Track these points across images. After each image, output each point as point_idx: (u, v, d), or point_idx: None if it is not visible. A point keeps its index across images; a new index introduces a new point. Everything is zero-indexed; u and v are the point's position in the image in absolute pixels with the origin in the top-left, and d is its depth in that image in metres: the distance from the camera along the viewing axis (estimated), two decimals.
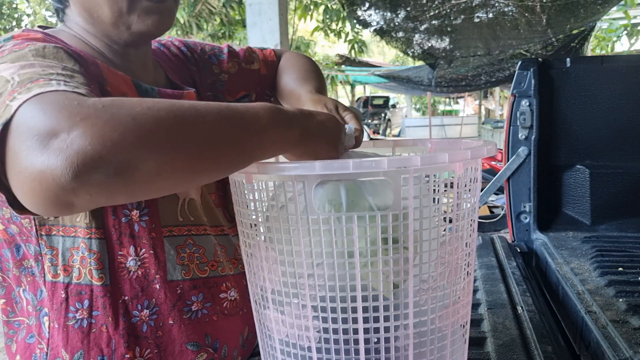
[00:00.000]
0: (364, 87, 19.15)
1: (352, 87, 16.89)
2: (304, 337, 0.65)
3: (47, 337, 0.80)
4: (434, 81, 7.40)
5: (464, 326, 0.72)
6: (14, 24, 9.90)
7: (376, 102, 18.10)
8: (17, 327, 0.84)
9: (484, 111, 18.66)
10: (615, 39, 7.98)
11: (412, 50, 5.99)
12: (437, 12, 4.84)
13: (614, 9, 5.78)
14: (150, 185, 0.51)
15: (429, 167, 0.61)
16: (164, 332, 0.81)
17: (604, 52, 8.15)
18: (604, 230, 2.19)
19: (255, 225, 0.67)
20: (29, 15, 10.40)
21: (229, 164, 0.57)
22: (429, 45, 5.76)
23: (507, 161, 2.28)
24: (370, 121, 16.65)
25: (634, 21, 7.32)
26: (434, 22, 5.07)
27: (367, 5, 4.93)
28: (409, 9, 4.81)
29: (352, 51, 8.07)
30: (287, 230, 0.62)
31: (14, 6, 9.98)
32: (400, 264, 0.61)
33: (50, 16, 10.52)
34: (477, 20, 5.02)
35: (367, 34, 6.69)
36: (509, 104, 2.29)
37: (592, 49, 7.78)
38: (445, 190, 0.64)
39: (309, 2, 7.10)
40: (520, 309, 1.36)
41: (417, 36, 5.55)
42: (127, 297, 0.79)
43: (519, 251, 2.13)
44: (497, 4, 4.72)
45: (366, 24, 5.34)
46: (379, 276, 0.61)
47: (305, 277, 0.62)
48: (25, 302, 0.83)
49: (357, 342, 0.62)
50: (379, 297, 0.62)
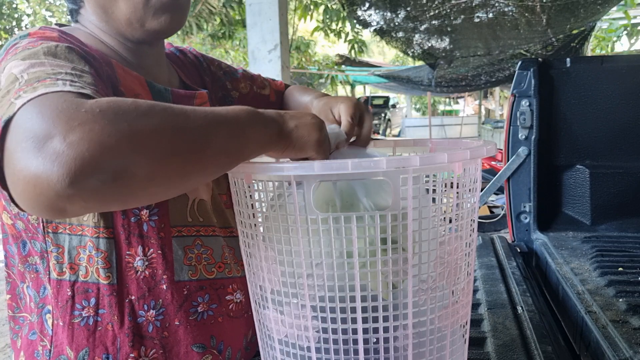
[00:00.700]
0: (364, 87, 19.14)
1: (352, 87, 16.89)
2: (303, 337, 0.65)
3: (50, 335, 0.80)
4: (434, 81, 7.40)
5: (463, 326, 0.72)
6: (14, 24, 9.89)
7: (376, 102, 18.08)
8: (21, 322, 0.85)
9: (484, 111, 18.65)
10: (615, 39, 7.97)
11: (412, 50, 5.99)
12: (437, 12, 4.83)
13: (614, 9, 5.77)
14: (143, 191, 0.53)
15: (428, 167, 0.60)
16: (170, 333, 0.81)
17: (604, 52, 8.15)
18: (604, 230, 2.19)
19: (254, 225, 0.67)
20: (29, 15, 10.39)
21: (217, 166, 0.59)
22: (429, 45, 5.76)
23: (507, 161, 2.28)
24: None
25: (634, 21, 7.31)
26: (434, 22, 5.07)
27: (367, 5, 4.93)
28: (409, 9, 4.81)
29: (352, 51, 8.06)
30: (286, 230, 0.62)
31: (14, 6, 9.98)
32: (399, 264, 0.61)
33: (50, 16, 10.52)
34: (477, 20, 5.02)
35: (367, 34, 6.69)
36: (509, 104, 2.29)
37: (592, 49, 7.78)
38: (444, 190, 0.64)
39: (309, 2, 7.09)
40: (520, 309, 1.36)
41: (417, 36, 5.55)
42: (133, 297, 0.79)
43: (519, 251, 2.13)
44: (497, 4, 4.72)
45: (366, 24, 5.34)
46: (377, 276, 0.61)
47: (304, 277, 0.62)
48: (28, 299, 0.83)
49: (356, 342, 0.62)
50: (378, 297, 0.62)
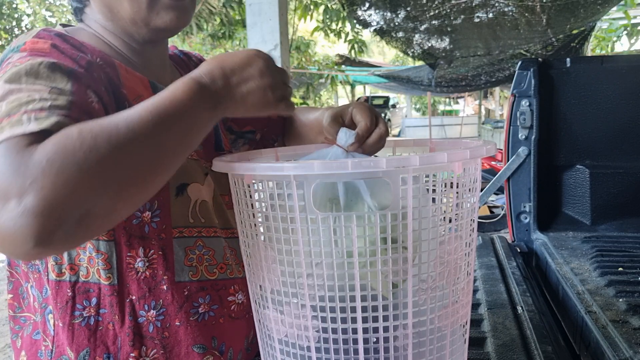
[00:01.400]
0: (364, 87, 19.14)
1: (352, 87, 16.88)
2: (303, 336, 0.65)
3: (52, 335, 0.80)
4: (434, 81, 7.40)
5: (463, 326, 0.72)
6: (14, 24, 9.89)
7: (376, 102, 18.09)
8: (23, 322, 0.85)
9: (484, 111, 18.65)
10: (615, 39, 7.97)
11: (412, 50, 5.98)
12: (437, 12, 4.83)
13: (614, 9, 5.77)
14: (111, 217, 0.54)
15: (428, 167, 0.60)
16: (171, 334, 0.81)
17: (604, 52, 8.15)
18: (604, 230, 2.19)
19: (254, 225, 0.67)
20: (29, 15, 10.38)
21: (176, 160, 0.61)
22: (429, 45, 5.76)
23: (507, 161, 2.28)
24: None
25: (634, 21, 7.31)
26: (434, 22, 5.07)
27: (367, 5, 4.92)
28: (409, 9, 4.81)
29: (352, 51, 8.06)
30: (286, 229, 0.62)
31: (14, 6, 9.97)
32: (399, 264, 0.61)
33: (50, 16, 10.51)
34: (477, 20, 5.02)
35: (367, 34, 6.69)
36: (509, 104, 2.29)
37: (592, 49, 7.78)
38: (444, 190, 0.64)
39: (309, 2, 7.09)
40: (520, 309, 1.36)
41: (417, 36, 5.55)
42: (134, 297, 0.79)
43: (519, 251, 2.13)
44: (497, 4, 4.72)
45: (366, 24, 5.34)
46: (378, 276, 0.61)
47: (304, 277, 0.62)
48: (32, 299, 0.83)
49: (356, 341, 0.62)
50: (378, 296, 0.62)
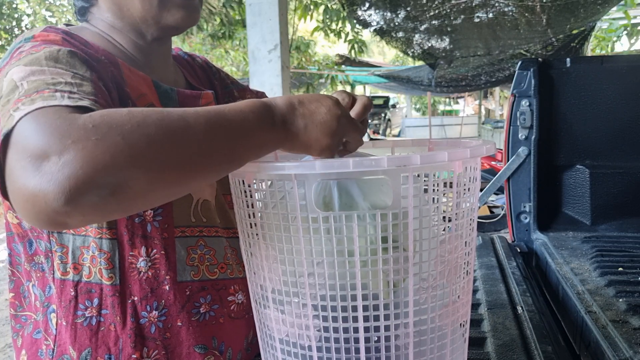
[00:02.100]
0: (364, 87, 19.13)
1: (352, 87, 16.87)
2: (304, 336, 0.65)
3: (55, 334, 0.80)
4: (434, 81, 7.40)
5: (463, 325, 0.72)
6: (14, 24, 9.88)
7: (376, 102, 18.08)
8: (24, 321, 0.85)
9: (484, 111, 18.66)
10: (615, 39, 7.97)
11: (412, 50, 5.99)
12: (437, 12, 4.84)
13: (614, 9, 5.78)
14: (143, 200, 0.53)
15: (429, 166, 0.61)
16: (172, 334, 0.81)
17: (604, 52, 8.15)
18: (604, 230, 2.19)
19: (255, 224, 0.67)
20: (29, 15, 10.37)
21: (219, 170, 0.58)
22: (429, 45, 5.77)
23: (507, 161, 2.28)
24: (370, 121, 16.64)
25: (634, 21, 7.31)
26: (434, 22, 5.07)
27: (367, 5, 4.93)
28: (409, 9, 4.81)
29: (352, 51, 8.05)
30: (287, 229, 0.62)
31: (14, 6, 9.97)
32: (399, 263, 0.61)
33: (50, 16, 10.51)
34: (477, 20, 5.02)
35: (367, 34, 6.69)
36: (509, 104, 2.29)
37: (592, 49, 7.78)
38: (444, 189, 0.64)
39: (309, 2, 7.09)
40: (520, 309, 1.36)
41: (417, 36, 5.55)
42: (136, 298, 0.79)
43: (519, 251, 2.13)
44: (497, 4, 4.72)
45: (366, 24, 5.35)
46: (378, 275, 0.61)
47: (305, 276, 0.62)
48: (33, 298, 0.83)
49: (357, 340, 0.62)
50: (379, 296, 0.62)
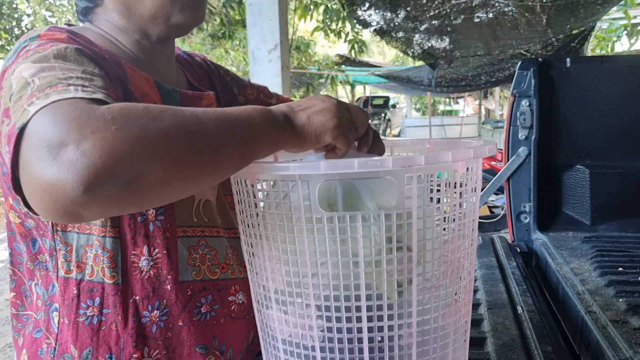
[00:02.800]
0: (364, 87, 19.14)
1: (352, 87, 16.89)
2: (308, 336, 0.65)
3: (56, 333, 0.80)
4: (434, 81, 7.40)
5: (464, 325, 0.72)
6: (14, 24, 9.88)
7: (376, 102, 18.10)
8: (25, 320, 0.85)
9: (484, 111, 18.66)
10: (615, 39, 7.97)
11: (412, 50, 5.99)
12: (437, 12, 4.84)
13: (614, 9, 5.78)
14: (158, 194, 0.53)
15: (433, 166, 0.61)
16: (174, 334, 0.81)
17: (604, 52, 8.15)
18: (604, 230, 2.20)
19: (258, 224, 0.68)
20: (29, 15, 10.37)
21: (230, 167, 0.59)
22: (429, 45, 5.77)
23: (507, 161, 2.29)
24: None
25: (634, 21, 7.31)
26: (434, 22, 5.07)
27: (367, 5, 4.93)
28: (409, 9, 4.81)
29: (352, 51, 8.06)
30: (290, 229, 0.62)
31: (14, 6, 9.96)
32: (403, 263, 0.61)
33: (50, 16, 10.50)
34: (477, 20, 5.02)
35: (367, 34, 6.69)
36: (509, 104, 2.29)
37: (592, 49, 7.78)
38: (447, 189, 0.64)
39: (309, 2, 7.09)
40: (520, 309, 1.36)
41: (417, 36, 5.55)
42: (138, 297, 0.79)
43: (519, 251, 2.13)
44: (497, 4, 4.72)
45: (366, 24, 5.35)
46: (383, 275, 0.62)
47: (309, 277, 0.63)
48: (35, 297, 0.83)
49: (361, 341, 0.63)
50: (383, 296, 0.62)
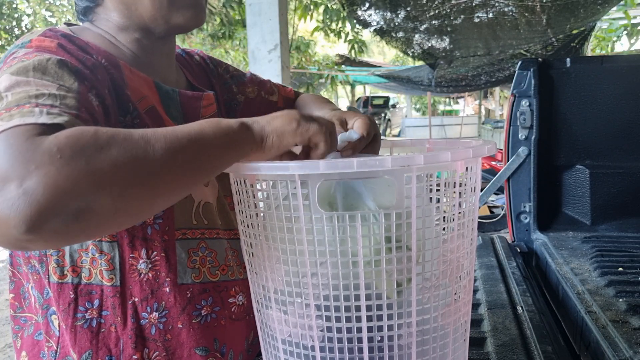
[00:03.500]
0: (364, 87, 19.14)
1: (352, 87, 16.89)
2: (307, 336, 0.65)
3: (58, 336, 0.80)
4: (434, 81, 7.40)
5: (464, 325, 0.72)
6: (14, 24, 9.88)
7: (376, 102, 18.10)
8: (23, 322, 0.85)
9: (484, 111, 18.66)
10: (615, 39, 7.98)
11: (412, 50, 5.99)
12: (437, 12, 4.84)
13: (614, 9, 5.78)
14: (111, 223, 0.53)
15: (432, 166, 0.61)
16: (173, 336, 0.81)
17: (604, 52, 8.15)
18: (604, 230, 2.20)
19: (257, 225, 0.68)
20: (29, 15, 10.36)
21: (188, 184, 0.59)
22: (429, 45, 5.77)
23: (507, 161, 2.29)
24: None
25: (634, 21, 7.32)
26: (434, 22, 5.07)
27: (367, 5, 4.93)
28: (409, 9, 4.82)
29: (352, 51, 8.06)
30: (290, 229, 0.62)
31: (14, 6, 9.96)
32: (403, 263, 0.61)
33: (50, 16, 10.50)
34: (477, 20, 5.02)
35: (367, 34, 6.69)
36: (509, 104, 2.29)
37: (592, 49, 7.78)
38: (446, 189, 0.64)
39: (309, 2, 7.09)
40: (520, 309, 1.36)
41: (417, 36, 5.55)
42: (136, 299, 0.79)
43: (519, 251, 2.13)
44: (497, 4, 4.72)
45: (366, 24, 5.35)
46: (382, 275, 0.62)
47: (308, 277, 0.63)
48: (33, 299, 0.83)
49: (360, 340, 0.63)
50: (382, 295, 0.62)
